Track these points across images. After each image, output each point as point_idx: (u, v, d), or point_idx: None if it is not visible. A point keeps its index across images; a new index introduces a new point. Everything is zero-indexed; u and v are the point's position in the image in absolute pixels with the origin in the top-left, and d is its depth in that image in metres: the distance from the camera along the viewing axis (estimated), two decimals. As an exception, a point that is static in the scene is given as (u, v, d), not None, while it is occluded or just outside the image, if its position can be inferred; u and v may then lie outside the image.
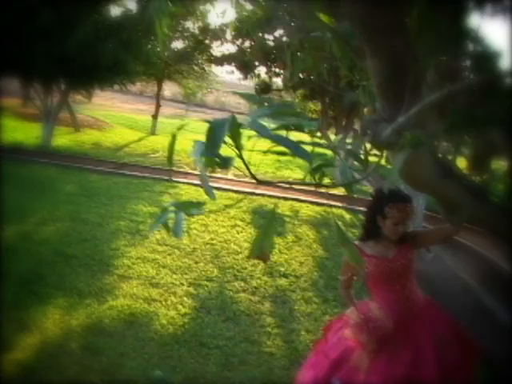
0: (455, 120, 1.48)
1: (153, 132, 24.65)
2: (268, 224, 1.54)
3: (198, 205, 1.60)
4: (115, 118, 28.71)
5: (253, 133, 1.40)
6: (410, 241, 3.63)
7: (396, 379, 3.37)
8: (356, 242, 3.73)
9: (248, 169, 1.43)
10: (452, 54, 1.91)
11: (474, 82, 1.76)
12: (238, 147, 1.36)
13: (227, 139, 1.34)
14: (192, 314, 6.03)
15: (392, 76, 1.60)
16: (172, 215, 1.56)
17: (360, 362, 3.48)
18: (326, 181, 1.73)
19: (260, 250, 1.49)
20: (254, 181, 1.53)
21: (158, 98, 26.13)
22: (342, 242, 1.60)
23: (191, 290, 6.68)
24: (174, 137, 1.54)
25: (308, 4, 2.28)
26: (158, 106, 25.55)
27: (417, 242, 3.66)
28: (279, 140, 1.36)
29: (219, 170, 1.41)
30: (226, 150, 1.39)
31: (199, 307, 6.22)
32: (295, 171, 18.15)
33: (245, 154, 1.40)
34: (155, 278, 6.89)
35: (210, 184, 1.48)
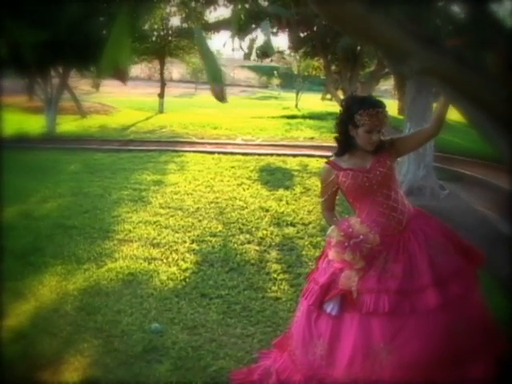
0: None
1: (160, 111, 24.43)
2: (119, 32, 1.29)
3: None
4: (123, 102, 28.40)
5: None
6: (388, 148, 3.36)
7: (389, 294, 3.13)
8: (331, 159, 3.49)
9: None
10: None
11: None
12: None
13: None
14: (194, 268, 5.80)
15: None
16: None
17: (349, 283, 3.23)
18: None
19: (114, 64, 1.26)
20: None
21: (162, 77, 25.92)
22: (202, 53, 1.35)
23: (194, 246, 6.44)
24: None
25: None
26: (163, 85, 25.31)
27: (396, 149, 3.39)
28: None
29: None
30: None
31: (202, 261, 5.98)
32: (305, 132, 17.83)
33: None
34: (156, 238, 6.66)
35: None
